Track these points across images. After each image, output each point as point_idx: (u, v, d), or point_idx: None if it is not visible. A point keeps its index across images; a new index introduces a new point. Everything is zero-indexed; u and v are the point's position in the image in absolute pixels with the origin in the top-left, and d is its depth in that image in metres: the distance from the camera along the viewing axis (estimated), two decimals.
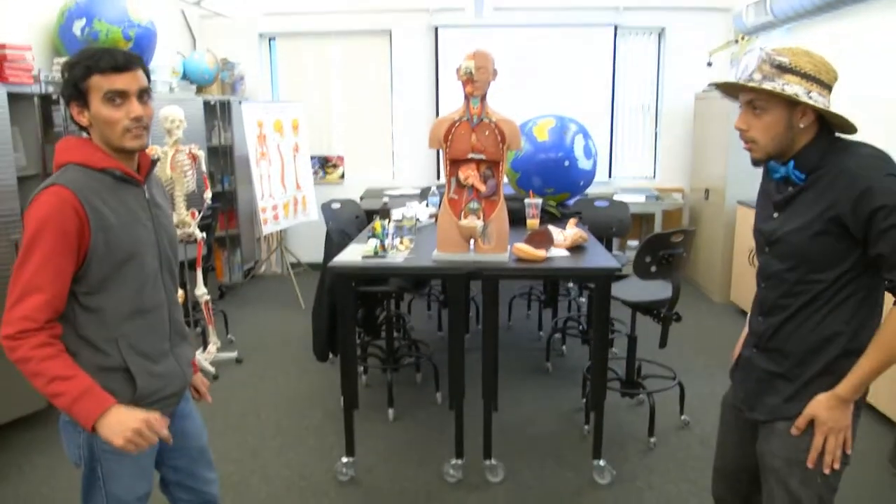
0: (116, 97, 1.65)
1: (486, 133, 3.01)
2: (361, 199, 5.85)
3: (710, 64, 6.38)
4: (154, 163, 1.86)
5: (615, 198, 5.20)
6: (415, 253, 3.29)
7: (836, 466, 1.72)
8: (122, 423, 1.57)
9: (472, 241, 3.10)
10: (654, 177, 7.05)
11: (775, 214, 1.78)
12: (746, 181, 5.60)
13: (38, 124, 3.84)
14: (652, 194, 6.53)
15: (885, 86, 4.54)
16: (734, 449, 2.00)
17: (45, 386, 1.55)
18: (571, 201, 4.72)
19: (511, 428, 3.65)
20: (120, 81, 1.64)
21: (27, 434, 3.60)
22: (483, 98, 2.98)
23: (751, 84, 1.67)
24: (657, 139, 7.00)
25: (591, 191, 5.24)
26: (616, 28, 6.65)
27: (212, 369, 4.38)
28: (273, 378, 4.39)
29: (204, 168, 4.34)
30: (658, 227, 6.38)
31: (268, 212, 5.96)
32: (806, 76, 1.66)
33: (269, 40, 7.09)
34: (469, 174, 3.09)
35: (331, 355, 3.90)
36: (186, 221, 4.24)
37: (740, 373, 1.96)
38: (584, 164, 4.41)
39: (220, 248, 6.41)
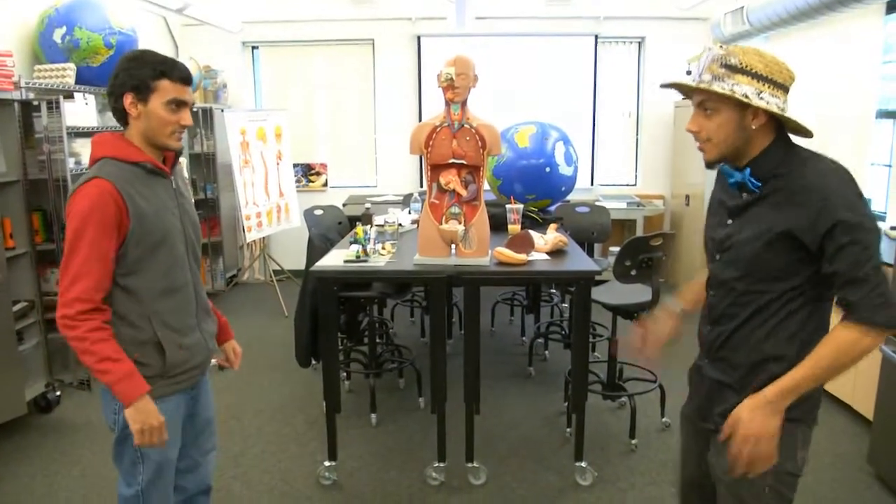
0: (177, 104, 1.87)
1: (467, 138, 3.04)
2: (344, 205, 5.87)
3: (689, 72, 6.41)
4: (178, 157, 2.03)
5: (597, 204, 5.24)
6: (397, 257, 3.31)
7: (752, 474, 1.63)
8: (147, 413, 1.83)
9: (453, 246, 3.12)
10: (636, 184, 7.12)
11: (729, 221, 1.73)
12: None
13: (19, 130, 3.82)
14: (633, 201, 6.59)
15: (861, 94, 4.64)
16: (694, 458, 1.94)
17: (95, 363, 1.80)
18: (553, 207, 4.76)
19: (493, 431, 3.67)
20: (185, 93, 1.88)
21: (6, 443, 3.56)
22: (464, 104, 3.01)
23: (700, 85, 1.63)
24: (638, 146, 7.08)
25: (574, 198, 5.29)
26: (597, 37, 6.73)
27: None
28: (255, 384, 4.38)
29: (186, 175, 4.33)
30: (639, 233, 6.43)
31: (252, 219, 5.95)
32: (757, 76, 1.60)
33: (252, 49, 7.11)
34: (450, 179, 3.11)
35: (313, 361, 3.90)
36: None
37: (695, 382, 1.95)
38: (564, 170, 4.46)
39: (203, 255, 6.39)
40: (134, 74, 1.82)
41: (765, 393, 1.60)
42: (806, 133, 1.65)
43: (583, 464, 3.19)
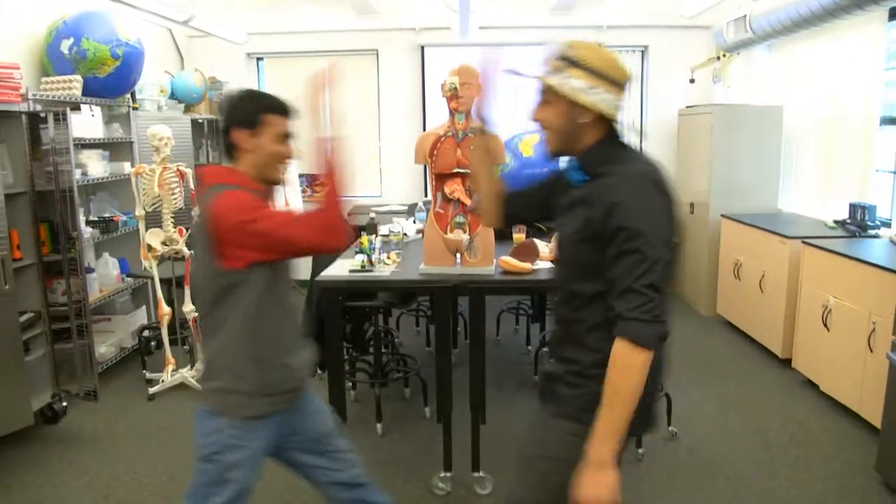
0: (286, 137, 1.97)
1: (472, 147, 3.05)
2: (349, 215, 5.88)
3: (692, 80, 6.48)
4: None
5: None
6: (402, 267, 3.32)
7: None
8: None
9: (458, 255, 3.13)
10: None
11: (560, 217, 1.73)
12: (730, 195, 5.68)
13: (26, 142, 3.85)
14: None
15: (865, 100, 4.64)
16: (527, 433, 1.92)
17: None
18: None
19: (499, 441, 3.65)
20: (291, 126, 1.99)
21: (13, 453, 3.57)
22: (468, 113, 3.03)
23: (538, 76, 1.67)
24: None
25: None
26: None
27: (199, 387, 4.35)
28: None
29: (192, 185, 4.36)
30: None
31: None
32: (591, 71, 1.60)
33: (257, 60, 7.15)
34: (455, 188, 3.13)
35: (319, 371, 3.90)
36: (174, 238, 4.25)
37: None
38: None
39: None
40: (245, 110, 1.93)
41: (588, 457, 1.58)
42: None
43: None
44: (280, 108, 1.96)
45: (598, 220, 1.54)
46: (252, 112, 1.92)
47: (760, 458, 3.43)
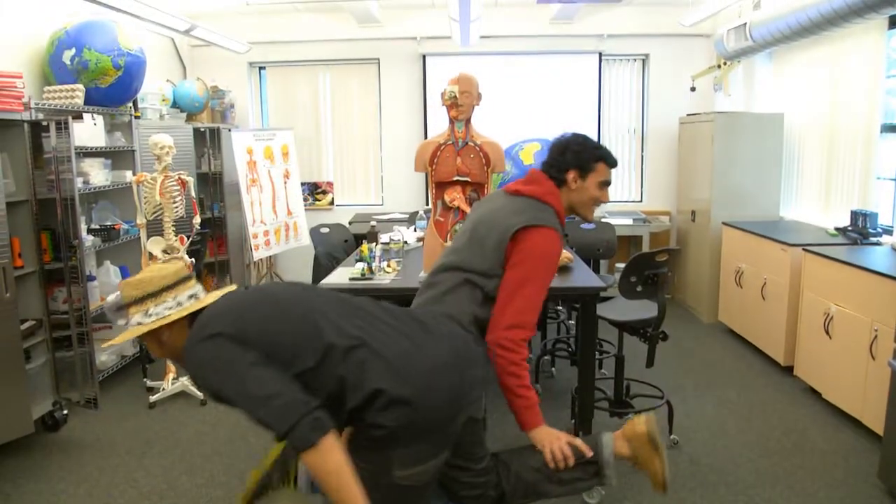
0: (606, 185, 2.33)
1: (472, 156, 3.06)
2: (350, 223, 5.89)
3: (693, 89, 6.50)
4: None
5: (602, 221, 5.25)
6: (402, 275, 3.32)
7: None
8: (552, 434, 2.20)
9: None
10: (641, 200, 7.12)
11: None
12: (731, 203, 5.68)
13: (28, 150, 3.86)
14: (639, 217, 6.59)
15: (865, 108, 4.64)
16: None
17: (519, 386, 2.13)
18: None
19: (500, 447, 3.64)
20: (611, 176, 2.35)
21: (13, 461, 3.57)
22: (468, 121, 3.04)
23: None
24: (643, 163, 7.09)
25: None
26: (601, 55, 6.77)
27: (200, 395, 4.36)
28: None
29: (193, 194, 4.37)
30: (645, 249, 6.42)
31: (259, 238, 5.98)
32: (135, 301, 1.84)
33: (259, 69, 7.18)
34: (455, 196, 3.13)
35: None
36: (175, 247, 4.25)
37: None
38: None
39: (210, 273, 6.41)
40: (580, 156, 2.28)
41: None
42: None
43: None
44: (609, 159, 2.33)
45: None
46: (587, 158, 2.28)
47: (762, 466, 3.42)
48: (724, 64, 6.16)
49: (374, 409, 1.75)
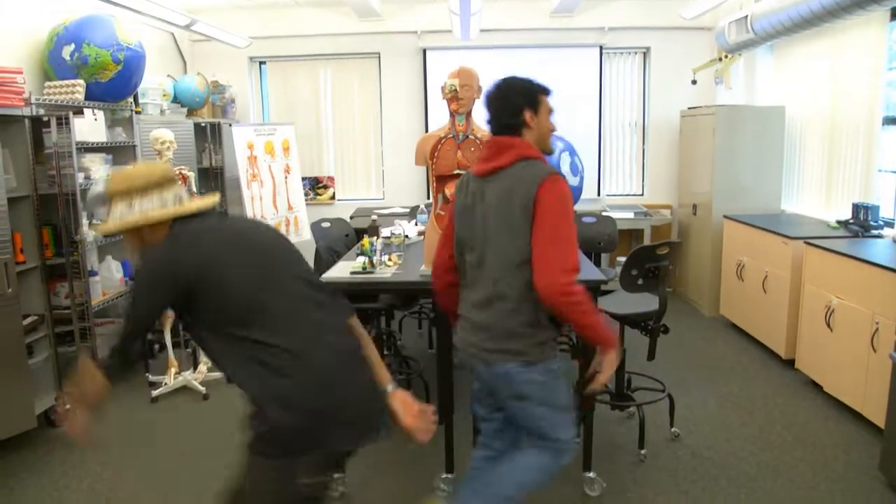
0: (552, 113, 2.38)
1: (472, 149, 3.05)
2: (352, 218, 5.89)
3: (694, 81, 6.48)
4: None
5: (603, 214, 5.24)
6: (403, 269, 3.32)
7: None
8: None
9: None
10: (643, 193, 7.12)
11: None
12: (733, 196, 5.67)
13: (29, 146, 3.86)
14: (640, 210, 6.58)
15: (867, 100, 4.63)
16: None
17: (591, 318, 2.18)
18: None
19: None
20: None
21: (15, 456, 3.58)
22: (468, 115, 3.03)
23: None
24: (644, 156, 7.08)
25: (581, 208, 5.29)
26: (601, 48, 6.75)
27: (203, 389, 4.37)
28: None
29: (194, 188, 4.37)
30: (647, 243, 6.41)
31: None
32: (120, 195, 1.90)
33: (260, 64, 7.17)
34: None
35: None
36: None
37: None
38: (571, 180, 4.47)
39: None
40: (528, 94, 2.31)
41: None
42: None
43: (591, 474, 3.17)
44: (548, 90, 2.36)
45: None
46: (535, 94, 2.31)
47: (763, 458, 3.42)
48: (726, 57, 6.14)
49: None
